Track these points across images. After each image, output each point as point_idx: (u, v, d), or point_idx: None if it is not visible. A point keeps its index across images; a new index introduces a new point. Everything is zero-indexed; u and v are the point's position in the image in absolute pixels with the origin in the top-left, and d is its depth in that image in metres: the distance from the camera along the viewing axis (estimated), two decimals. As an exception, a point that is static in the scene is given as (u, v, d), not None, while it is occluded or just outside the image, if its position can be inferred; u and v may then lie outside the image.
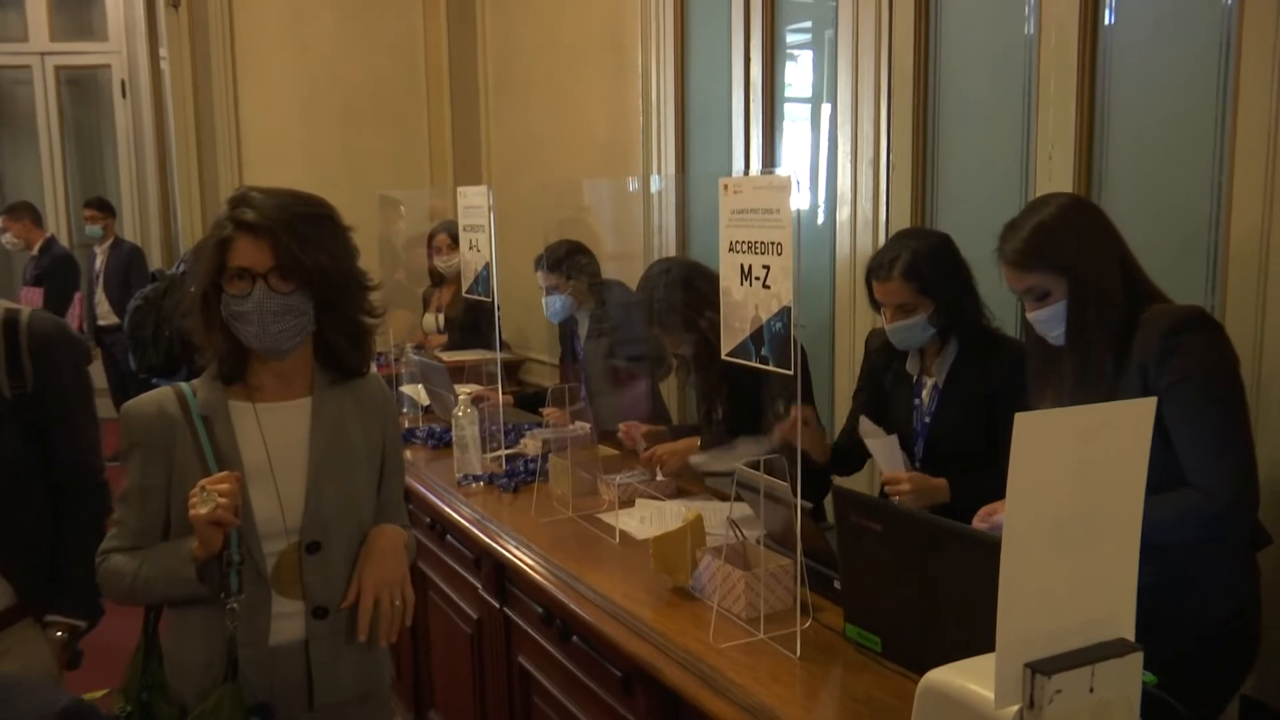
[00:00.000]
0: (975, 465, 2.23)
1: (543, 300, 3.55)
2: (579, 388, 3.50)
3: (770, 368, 1.75)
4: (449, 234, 5.01)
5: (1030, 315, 1.96)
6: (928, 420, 2.37)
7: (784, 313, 1.70)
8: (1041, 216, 1.92)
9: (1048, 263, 1.90)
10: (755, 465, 1.87)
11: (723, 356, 1.88)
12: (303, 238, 1.65)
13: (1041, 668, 0.91)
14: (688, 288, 2.81)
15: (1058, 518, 0.93)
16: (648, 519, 2.56)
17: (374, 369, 1.88)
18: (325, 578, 1.72)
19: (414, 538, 1.93)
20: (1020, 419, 0.85)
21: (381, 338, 2.17)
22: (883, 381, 2.51)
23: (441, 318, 5.13)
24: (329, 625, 1.72)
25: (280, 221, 1.65)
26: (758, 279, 1.75)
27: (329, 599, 1.72)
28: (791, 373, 1.69)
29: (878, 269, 2.32)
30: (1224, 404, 1.78)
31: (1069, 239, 1.90)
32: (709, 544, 2.10)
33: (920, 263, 2.27)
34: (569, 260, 3.49)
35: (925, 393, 2.39)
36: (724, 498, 2.68)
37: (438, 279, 5.14)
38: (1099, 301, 1.88)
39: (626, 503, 2.69)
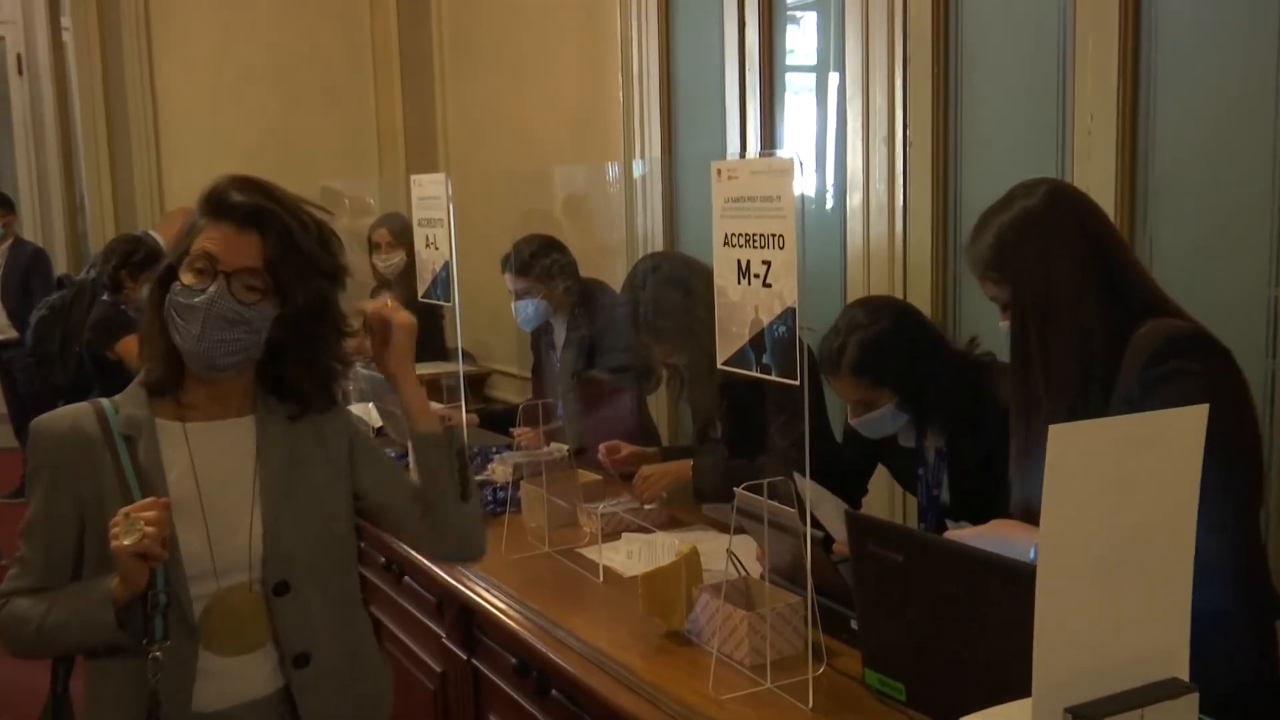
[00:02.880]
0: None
1: (512, 305, 3.56)
2: (554, 404, 3.51)
3: (773, 378, 1.77)
4: (389, 229, 5.03)
5: (1001, 325, 1.97)
6: (935, 494, 2.40)
7: (788, 314, 1.72)
8: (1003, 217, 1.92)
9: (1001, 273, 1.90)
10: (757, 489, 1.89)
11: (719, 365, 1.90)
12: (300, 246, 1.67)
13: (1084, 712, 0.92)
14: (679, 287, 2.83)
15: (1099, 542, 0.94)
16: (636, 554, 2.57)
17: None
18: (301, 621, 1.72)
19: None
20: (1056, 431, 0.87)
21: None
22: (874, 452, 2.56)
23: None
24: (314, 672, 1.72)
25: (283, 219, 1.66)
26: (757, 276, 1.77)
27: (311, 644, 1.72)
28: (797, 383, 1.70)
29: (825, 361, 2.34)
30: (1222, 467, 1.73)
31: (1026, 245, 1.88)
32: (706, 581, 2.11)
33: (869, 356, 2.28)
34: (542, 259, 3.50)
35: (929, 458, 2.41)
36: (723, 528, 2.69)
37: (381, 281, 5.15)
38: (1039, 320, 1.85)
39: (611, 535, 2.70)
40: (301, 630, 1.71)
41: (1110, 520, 0.94)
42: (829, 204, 3.42)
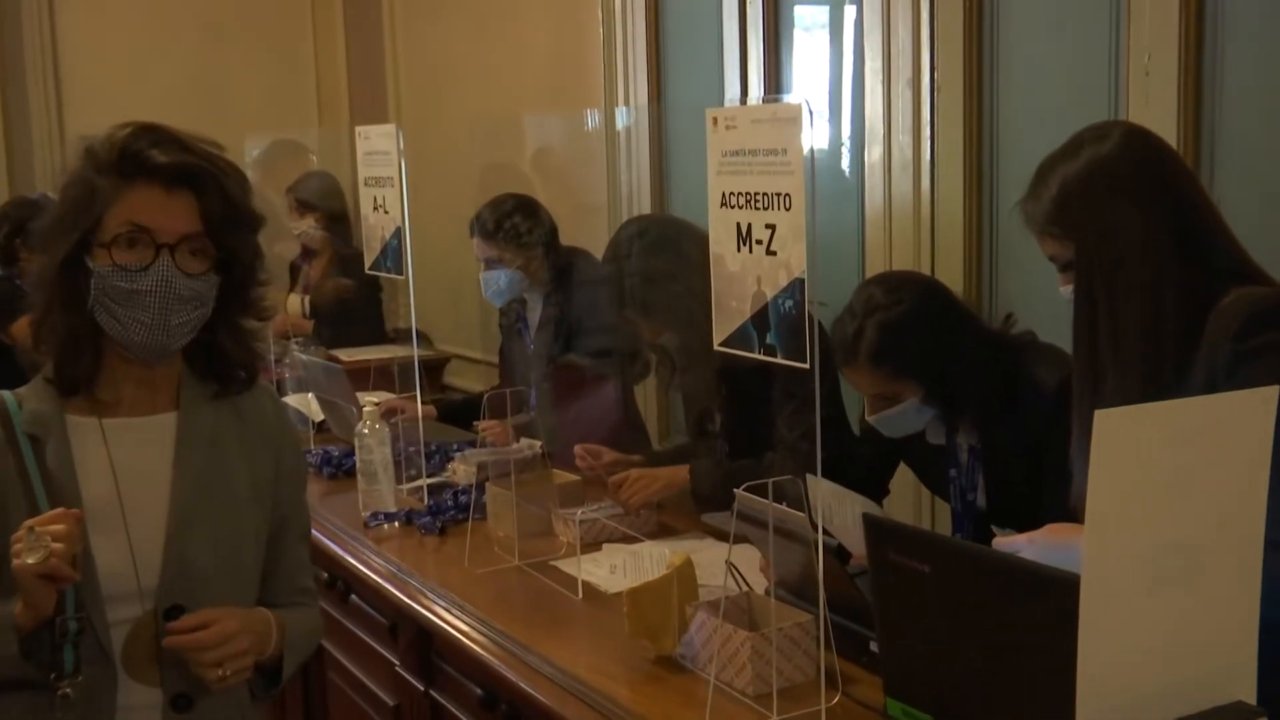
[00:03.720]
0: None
1: (480, 276, 3.57)
2: (526, 393, 3.51)
3: (779, 360, 1.77)
4: (296, 196, 5.07)
5: (1062, 290, 1.98)
6: (971, 498, 2.41)
7: (795, 286, 1.72)
8: (1069, 166, 1.93)
9: (1064, 228, 1.91)
10: (760, 490, 1.89)
11: (716, 346, 1.90)
12: (239, 203, 1.67)
13: (1134, 742, 0.93)
14: (668, 255, 2.83)
15: (1152, 545, 0.95)
16: (620, 567, 2.58)
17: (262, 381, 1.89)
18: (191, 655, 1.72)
19: (319, 618, 1.94)
20: (1101, 416, 0.88)
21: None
22: (895, 451, 2.57)
23: (307, 301, 5.16)
24: None
25: (215, 174, 1.66)
26: (760, 243, 1.77)
27: (195, 682, 1.71)
28: (807, 366, 1.71)
29: (841, 348, 2.34)
30: None
31: (1095, 197, 1.89)
32: (702, 597, 2.11)
33: (890, 342, 2.28)
34: (517, 223, 3.50)
35: (961, 457, 2.42)
36: (721, 536, 2.70)
37: (306, 251, 5.18)
38: (1107, 282, 1.85)
39: (592, 546, 2.71)
40: (187, 667, 1.70)
41: (1165, 520, 0.95)
42: (844, 159, 3.42)
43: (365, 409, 3.03)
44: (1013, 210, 2.01)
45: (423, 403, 3.25)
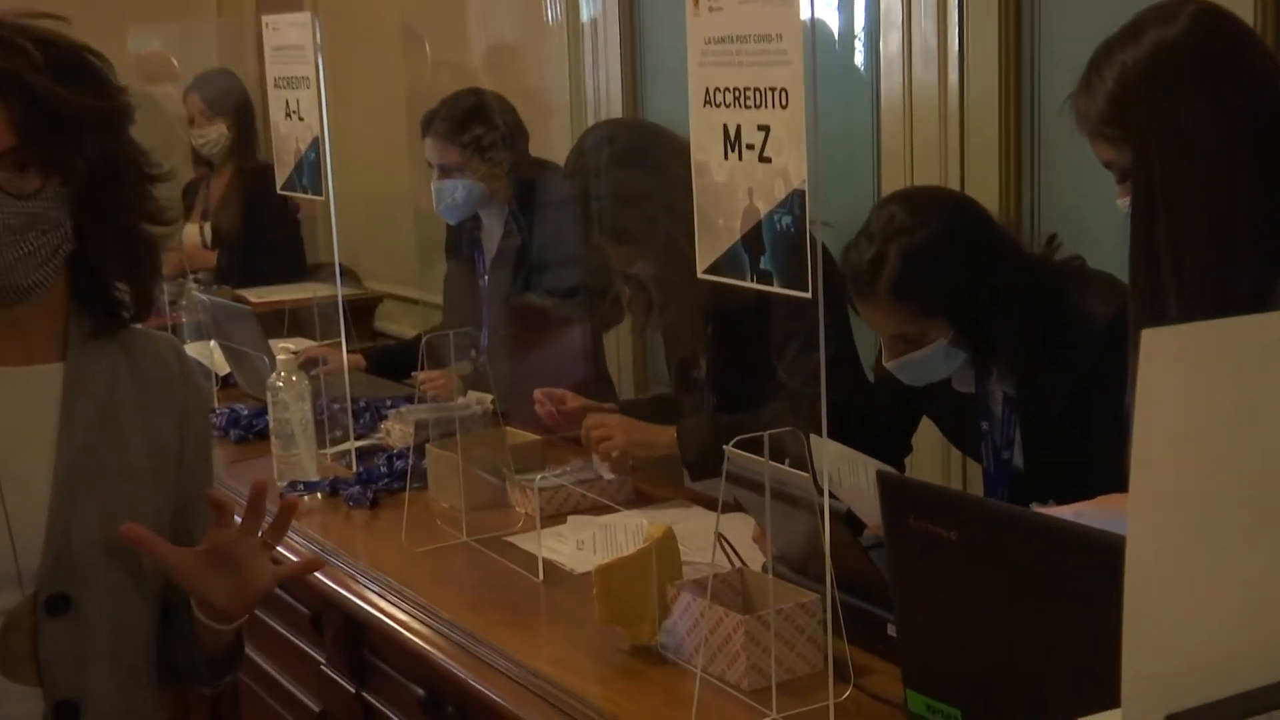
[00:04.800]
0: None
1: (432, 186, 3.56)
2: (475, 336, 3.52)
3: (776, 289, 1.78)
4: (201, 95, 5.03)
5: (1120, 203, 1.99)
6: (1007, 456, 2.43)
7: (794, 199, 1.72)
8: (1128, 53, 1.92)
9: (1122, 129, 1.91)
10: (754, 445, 1.91)
11: (700, 274, 1.91)
12: (60, 99, 1.65)
13: (1190, 722, 0.94)
14: (642, 166, 2.83)
15: (1210, 494, 0.96)
16: (589, 541, 2.60)
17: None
18: (76, 654, 1.73)
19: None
20: (1150, 337, 0.88)
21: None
22: (917, 401, 2.59)
23: (209, 228, 5.13)
24: None
25: (21, 68, 1.63)
26: (751, 148, 1.77)
27: (82, 687, 1.73)
28: (809, 296, 1.72)
29: (855, 279, 2.34)
30: None
31: (1159, 91, 1.88)
32: (687, 575, 2.13)
33: (916, 272, 2.28)
34: (482, 123, 3.50)
35: (994, 407, 2.44)
36: (709, 504, 2.72)
37: (205, 168, 5.15)
38: (1171, 193, 1.85)
39: (555, 518, 2.72)
40: (74, 668, 1.72)
41: (1226, 463, 0.96)
42: (857, 52, 3.42)
43: (279, 359, 3.03)
44: (1061, 108, 2.02)
45: (349, 350, 3.26)
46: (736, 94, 1.78)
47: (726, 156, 1.81)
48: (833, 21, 3.45)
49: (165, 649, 1.88)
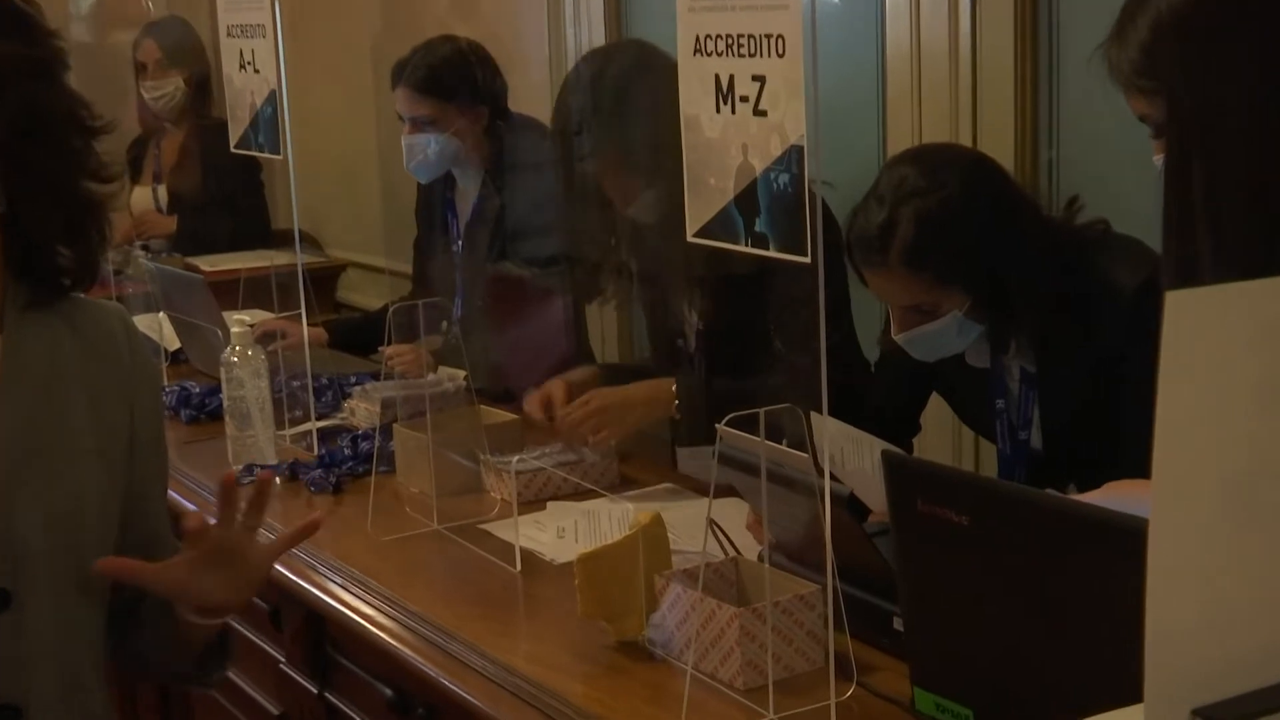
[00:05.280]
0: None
1: (403, 141, 3.55)
2: (448, 306, 3.51)
3: (772, 253, 1.78)
4: (158, 43, 4.99)
5: (1156, 160, 1.99)
6: (1024, 437, 2.44)
7: (792, 156, 1.72)
8: (1161, 2, 1.91)
9: (1156, 79, 1.91)
10: (748, 424, 1.91)
11: (689, 237, 1.91)
12: None
13: (1216, 714, 0.95)
14: (640, 91, 2.80)
15: (1239, 469, 0.96)
16: (570, 529, 2.61)
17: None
18: (16, 655, 1.72)
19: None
20: (1173, 299, 0.88)
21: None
22: (927, 377, 2.59)
23: (163, 191, 5.11)
24: None
25: None
26: (745, 100, 1.77)
27: (23, 690, 1.72)
28: (809, 261, 1.72)
29: (862, 246, 2.33)
30: None
31: (1196, 38, 1.88)
32: (677, 565, 2.13)
33: (931, 238, 2.28)
34: (459, 73, 3.50)
35: (1011, 384, 2.45)
36: (699, 488, 2.72)
37: (153, 124, 5.11)
38: (1208, 148, 1.85)
39: (534, 504, 2.72)
40: (14, 670, 1.71)
41: (1257, 435, 0.96)
42: (860, -6, 3.41)
43: (234, 332, 3.03)
44: (1091, 59, 2.01)
45: (310, 323, 3.25)
46: (729, 41, 1.77)
47: (719, 110, 1.80)
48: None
49: (132, 651, 1.88)
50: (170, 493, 2.72)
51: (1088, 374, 2.32)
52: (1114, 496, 1.88)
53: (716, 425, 1.97)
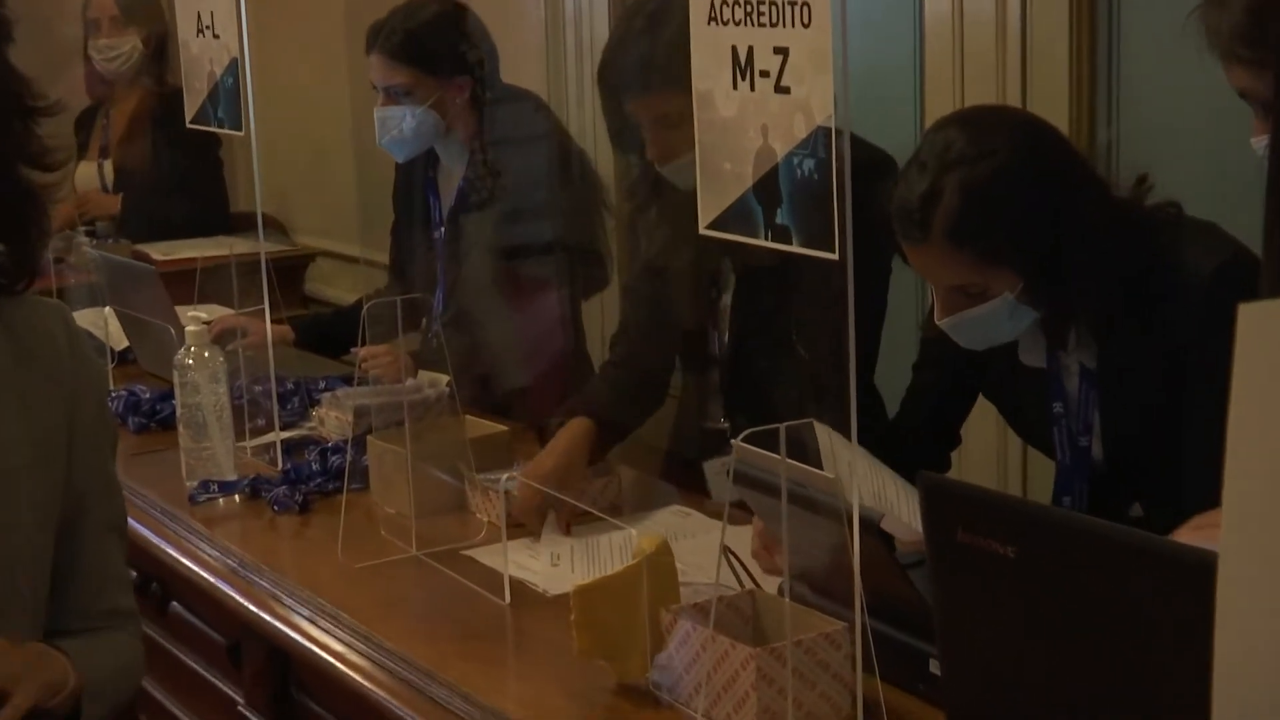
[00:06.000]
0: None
1: (376, 115, 3.55)
2: (429, 302, 3.51)
3: (795, 248, 1.77)
4: None
5: (1254, 143, 1.99)
6: (1085, 445, 2.43)
7: (818, 139, 1.72)
8: None
9: (1261, 50, 1.89)
10: (766, 440, 1.90)
11: (702, 229, 1.91)
12: None
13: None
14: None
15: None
16: (566, 556, 2.61)
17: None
18: None
19: (139, 649, 1.96)
20: (1246, 311, 0.88)
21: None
22: (973, 377, 2.58)
23: (109, 167, 5.11)
24: None
25: None
26: (765, 75, 1.77)
27: None
28: (836, 256, 1.71)
29: (902, 218, 2.32)
30: None
31: None
32: (686, 598, 2.13)
33: (979, 210, 2.27)
34: (441, 36, 3.49)
35: (1070, 384, 2.44)
36: (714, 513, 2.71)
37: (102, 92, 5.11)
38: None
39: (524, 527, 2.71)
40: None
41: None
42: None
43: (189, 330, 3.03)
44: (1185, 24, 2.00)
45: (274, 320, 3.25)
46: (748, 8, 1.78)
47: (735, 86, 1.80)
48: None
49: None
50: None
51: (1155, 371, 2.32)
52: (1201, 537, 1.87)
53: (733, 441, 1.97)
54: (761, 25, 1.76)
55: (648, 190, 2.94)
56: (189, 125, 3.25)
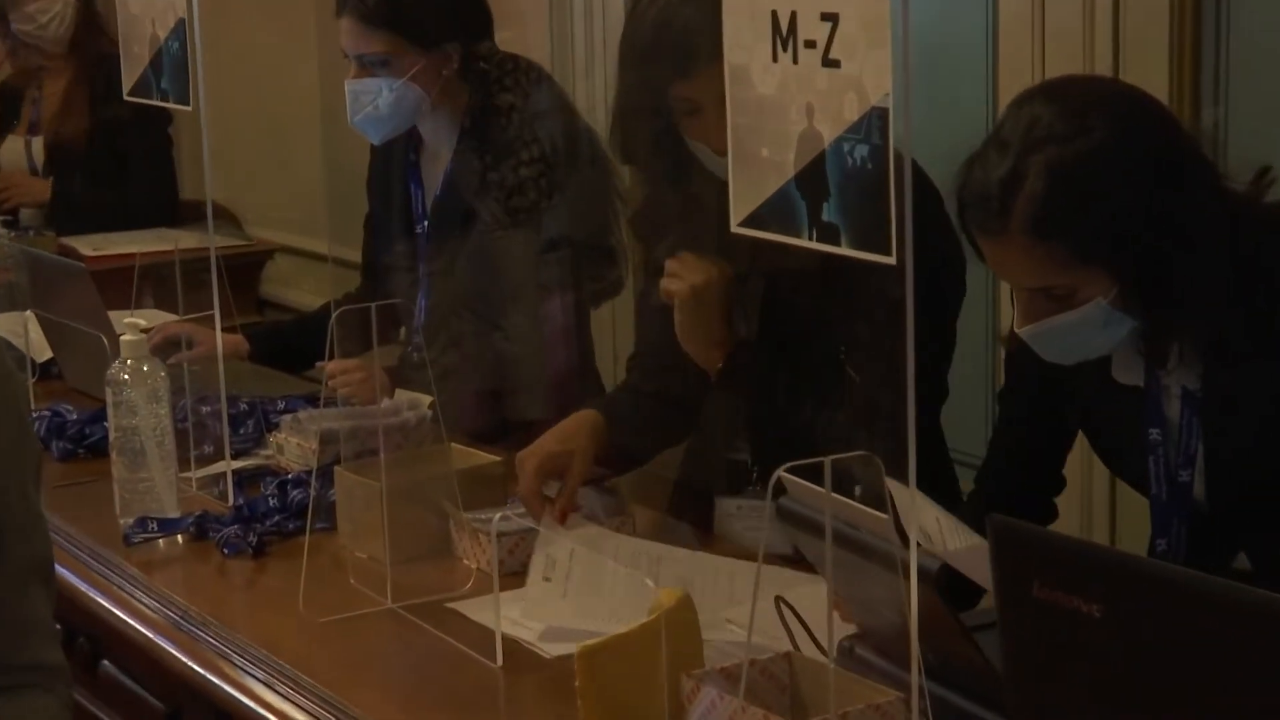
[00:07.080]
0: None
1: (347, 88, 3.57)
2: (409, 308, 3.52)
3: (845, 250, 1.78)
4: None
5: None
6: (1185, 480, 2.43)
7: (873, 121, 1.72)
8: None
9: None
10: (811, 474, 1.91)
11: (734, 228, 1.92)
12: None
13: None
14: None
15: None
16: (567, 609, 2.60)
17: None
18: None
19: (67, 712, 2.00)
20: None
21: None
22: (1062, 401, 2.58)
23: (38, 145, 5.13)
24: None
25: None
26: (810, 45, 1.77)
27: None
28: (893, 260, 1.72)
29: (978, 206, 2.33)
30: None
31: None
32: (710, 660, 2.14)
33: (1068, 199, 2.27)
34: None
35: (1170, 408, 2.45)
36: (748, 555, 2.72)
37: (30, 63, 5.13)
38: None
39: (520, 574, 2.72)
40: None
41: None
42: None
43: (124, 339, 3.04)
44: None
45: (226, 328, 3.26)
46: (790, -35, 1.78)
47: (775, 59, 1.81)
48: None
49: None
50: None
51: (1269, 398, 2.33)
52: None
53: (779, 472, 1.95)
54: (805, -13, 1.77)
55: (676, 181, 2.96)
56: (126, 97, 3.26)
